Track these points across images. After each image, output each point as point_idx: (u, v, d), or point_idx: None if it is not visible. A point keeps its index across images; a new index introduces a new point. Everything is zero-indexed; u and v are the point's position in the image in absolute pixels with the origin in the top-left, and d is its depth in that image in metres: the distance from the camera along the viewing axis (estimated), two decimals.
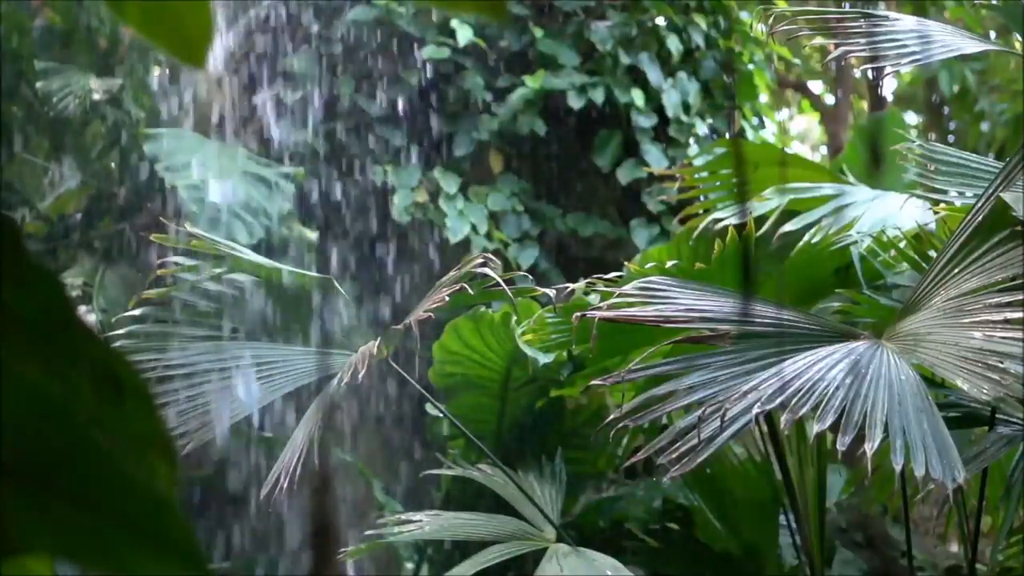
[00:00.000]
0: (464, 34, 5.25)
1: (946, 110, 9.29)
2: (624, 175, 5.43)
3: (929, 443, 2.00)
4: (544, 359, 3.16)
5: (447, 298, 2.68)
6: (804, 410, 2.07)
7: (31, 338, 0.55)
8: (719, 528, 3.29)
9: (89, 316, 4.36)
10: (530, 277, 3.16)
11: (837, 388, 2.09)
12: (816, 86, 11.11)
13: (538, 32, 5.42)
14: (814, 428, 2.07)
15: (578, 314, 2.55)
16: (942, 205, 2.90)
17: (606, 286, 2.77)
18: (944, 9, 7.58)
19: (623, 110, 5.46)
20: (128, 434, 0.55)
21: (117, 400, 0.55)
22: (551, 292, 2.83)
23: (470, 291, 2.71)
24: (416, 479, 4.22)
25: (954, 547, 4.39)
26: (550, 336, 3.05)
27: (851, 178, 3.72)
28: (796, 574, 3.24)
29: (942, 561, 4.15)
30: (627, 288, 2.52)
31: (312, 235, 4.84)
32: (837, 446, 2.03)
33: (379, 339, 2.77)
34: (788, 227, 3.01)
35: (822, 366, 2.16)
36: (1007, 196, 2.33)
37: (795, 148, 10.46)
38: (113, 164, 4.88)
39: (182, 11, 0.65)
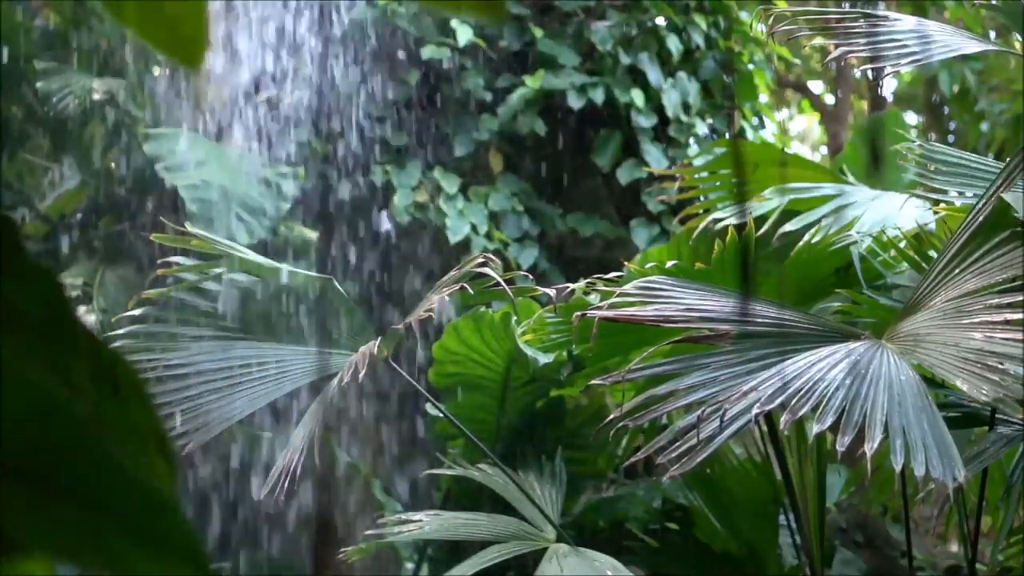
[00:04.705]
0: (464, 34, 5.25)
1: (946, 110, 9.30)
2: (624, 175, 5.44)
3: (929, 443, 2.00)
4: (544, 359, 3.16)
5: (447, 298, 2.68)
6: (804, 410, 2.07)
7: (30, 336, 0.55)
8: (719, 528, 3.29)
9: (89, 316, 4.36)
10: (530, 277, 3.16)
11: (837, 388, 2.09)
12: (816, 86, 11.11)
13: (538, 32, 5.42)
14: (814, 428, 2.07)
15: (578, 314, 2.55)
16: (942, 205, 2.90)
17: (606, 286, 2.77)
18: (944, 9, 7.59)
19: (623, 110, 5.46)
20: (127, 432, 0.55)
21: (115, 398, 0.55)
22: (551, 292, 2.82)
23: (470, 291, 2.71)
24: (416, 479, 4.22)
25: (954, 547, 4.39)
26: (550, 336, 3.05)
27: (851, 178, 3.72)
28: (796, 574, 3.24)
29: (942, 561, 4.15)
30: (627, 288, 2.52)
31: (312, 235, 4.84)
32: (837, 446, 2.02)
33: (379, 339, 2.77)
34: (788, 227, 3.01)
35: (822, 366, 2.16)
36: (1007, 196, 2.33)
37: (795, 148, 10.46)
38: (113, 164, 4.89)
39: (178, 12, 0.65)
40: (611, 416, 2.41)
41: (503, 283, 2.70)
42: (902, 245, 2.81)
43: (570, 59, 5.43)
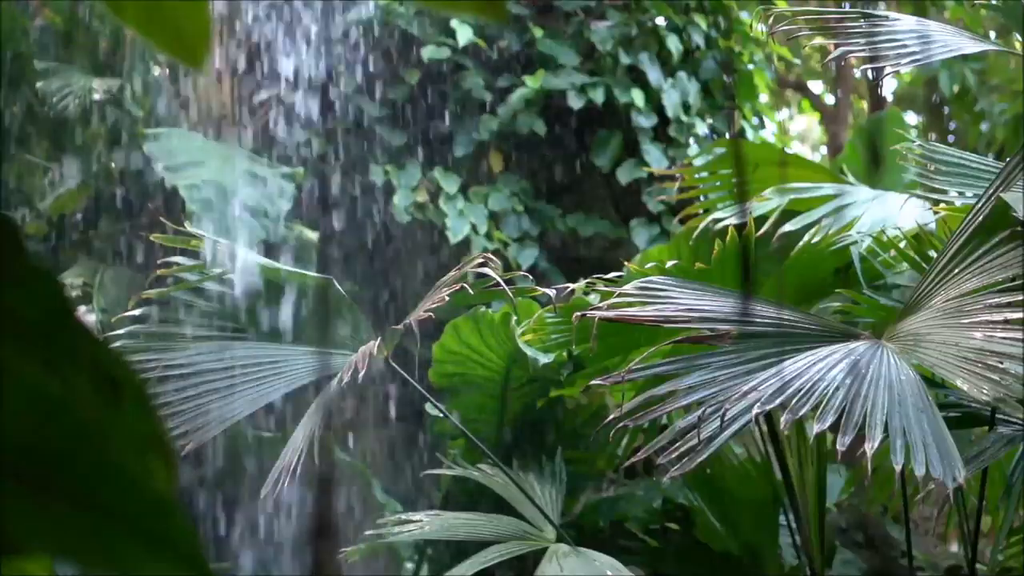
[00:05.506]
0: (464, 34, 5.25)
1: (946, 110, 9.29)
2: (624, 175, 5.44)
3: (929, 443, 2.00)
4: (544, 359, 3.16)
5: (447, 298, 2.68)
6: (804, 410, 2.07)
7: (31, 338, 0.55)
8: (719, 528, 3.29)
9: (89, 316, 4.36)
10: (530, 277, 3.16)
11: (837, 388, 2.09)
12: (816, 86, 11.11)
13: (538, 32, 5.42)
14: (814, 428, 2.07)
15: (578, 314, 2.55)
16: (942, 205, 2.90)
17: (606, 286, 2.77)
18: (944, 9, 7.58)
19: (623, 110, 5.46)
20: (126, 436, 0.55)
21: (115, 401, 0.55)
22: (551, 292, 2.82)
23: (470, 291, 2.71)
24: (416, 479, 4.22)
25: (954, 547, 4.39)
26: (550, 336, 3.05)
27: (851, 178, 3.72)
28: (796, 574, 3.24)
29: (942, 561, 4.15)
30: (627, 288, 2.52)
31: (312, 235, 4.84)
32: (837, 446, 2.02)
33: (379, 339, 2.77)
34: (788, 227, 3.01)
35: (822, 366, 2.16)
36: (1007, 196, 2.33)
37: (795, 148, 10.46)
38: (113, 164, 4.89)
39: (180, 11, 0.65)
40: (611, 416, 2.41)
41: (503, 283, 2.70)
42: (902, 245, 2.81)
43: (570, 59, 5.43)
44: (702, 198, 3.59)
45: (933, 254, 2.64)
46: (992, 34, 7.15)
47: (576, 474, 3.39)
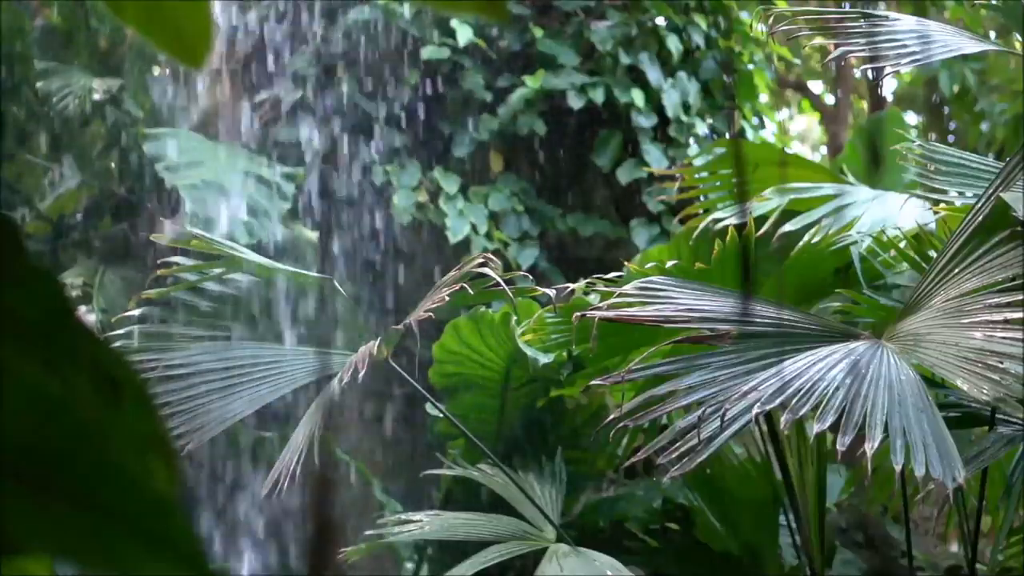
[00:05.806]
0: (464, 34, 5.25)
1: (946, 110, 9.29)
2: (624, 175, 5.44)
3: (929, 443, 2.00)
4: (544, 359, 3.16)
5: (447, 298, 2.68)
6: (804, 410, 2.07)
7: (31, 338, 0.55)
8: (719, 528, 3.29)
9: (89, 316, 4.36)
10: (530, 277, 3.16)
11: (837, 388, 2.09)
12: (816, 86, 11.11)
13: (538, 32, 5.43)
14: (814, 428, 2.07)
15: (578, 314, 2.55)
16: (942, 205, 2.90)
17: (606, 286, 2.77)
18: (944, 9, 7.58)
19: (623, 110, 5.47)
20: (127, 436, 0.55)
21: (116, 401, 0.55)
22: (551, 292, 2.82)
23: (470, 291, 2.71)
24: (416, 479, 4.22)
25: (954, 547, 4.39)
26: (550, 336, 3.05)
27: (851, 178, 3.72)
28: (796, 574, 3.24)
29: (942, 561, 4.15)
30: (627, 288, 2.52)
31: (312, 235, 4.84)
32: (837, 446, 2.02)
33: (379, 339, 2.77)
34: (788, 227, 3.01)
35: (822, 366, 2.16)
36: (1007, 196, 2.33)
37: (795, 148, 10.46)
38: (113, 164, 4.89)
39: (181, 12, 0.65)
40: (611, 416, 2.41)
41: (503, 283, 2.70)
42: (902, 245, 2.81)
43: (570, 59, 5.43)
44: (702, 198, 3.59)
45: (933, 254, 2.64)
46: (992, 34, 7.15)
47: (576, 474, 3.39)
